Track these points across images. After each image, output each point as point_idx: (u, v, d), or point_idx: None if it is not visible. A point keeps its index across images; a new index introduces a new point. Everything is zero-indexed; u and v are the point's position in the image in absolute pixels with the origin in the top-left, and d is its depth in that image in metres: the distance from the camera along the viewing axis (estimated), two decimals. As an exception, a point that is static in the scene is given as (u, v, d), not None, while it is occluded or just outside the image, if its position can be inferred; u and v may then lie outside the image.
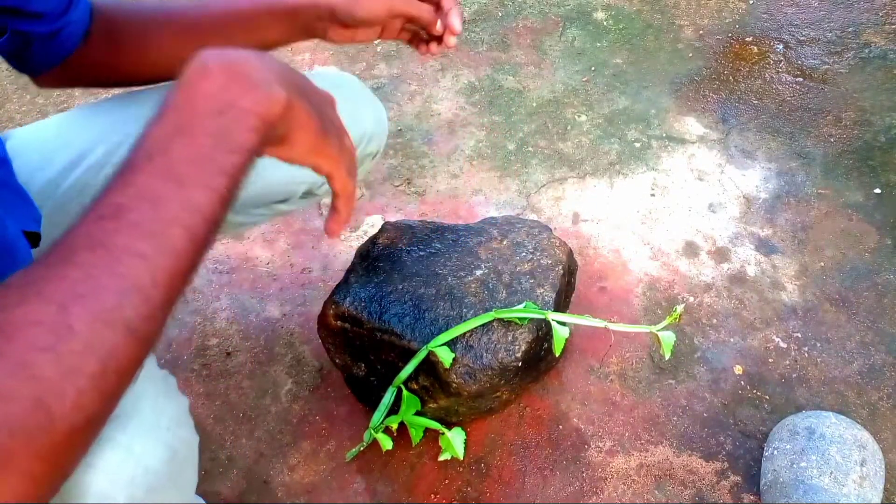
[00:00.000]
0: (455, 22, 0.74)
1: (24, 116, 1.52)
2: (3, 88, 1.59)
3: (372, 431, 0.91)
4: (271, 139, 0.48)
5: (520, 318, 0.86)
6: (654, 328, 0.84)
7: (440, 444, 0.90)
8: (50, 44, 0.68)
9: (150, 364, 0.56)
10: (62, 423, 0.36)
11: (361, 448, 0.96)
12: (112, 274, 0.39)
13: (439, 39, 0.77)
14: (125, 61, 0.73)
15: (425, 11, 0.74)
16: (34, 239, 0.66)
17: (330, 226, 0.60)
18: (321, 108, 0.53)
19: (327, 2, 0.72)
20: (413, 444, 0.94)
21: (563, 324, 0.85)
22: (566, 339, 0.84)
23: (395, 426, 0.91)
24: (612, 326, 0.86)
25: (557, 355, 0.89)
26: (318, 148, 0.52)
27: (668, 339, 0.83)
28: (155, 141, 0.43)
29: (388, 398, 0.90)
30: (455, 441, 0.87)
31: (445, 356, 0.83)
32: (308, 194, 0.90)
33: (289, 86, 0.48)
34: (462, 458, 0.90)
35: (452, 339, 0.85)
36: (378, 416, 0.91)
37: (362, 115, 0.87)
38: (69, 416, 0.36)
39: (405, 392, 0.89)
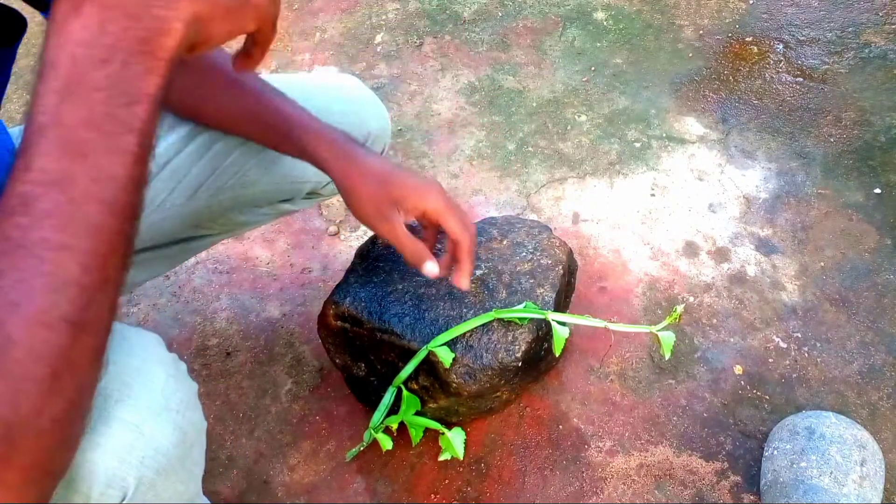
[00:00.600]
0: (462, 281, 0.76)
1: (24, 116, 1.52)
2: (4, 88, 1.60)
3: (372, 431, 0.91)
4: (181, 55, 0.40)
5: (520, 318, 0.86)
6: (653, 328, 0.84)
7: (440, 444, 0.90)
8: None
9: (160, 348, 0.56)
10: (24, 431, 0.36)
11: (361, 448, 0.96)
12: (38, 273, 0.36)
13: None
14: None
15: (412, 252, 0.74)
16: None
17: (239, 63, 0.51)
18: None
19: (338, 182, 0.72)
20: (413, 445, 0.94)
21: (563, 324, 0.85)
22: (566, 340, 0.84)
23: (395, 426, 0.91)
24: (611, 326, 0.86)
25: (557, 355, 0.89)
26: (237, 25, 0.43)
27: (667, 339, 0.83)
28: (42, 110, 0.37)
29: (387, 398, 0.90)
30: (455, 441, 0.87)
31: (445, 356, 0.83)
32: (312, 194, 0.90)
33: None
34: (462, 458, 0.90)
35: (452, 339, 0.85)
36: (378, 415, 0.91)
37: (365, 116, 0.87)
38: (31, 423, 0.36)
39: (405, 392, 0.89)
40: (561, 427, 1.00)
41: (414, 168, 1.36)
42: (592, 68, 1.53)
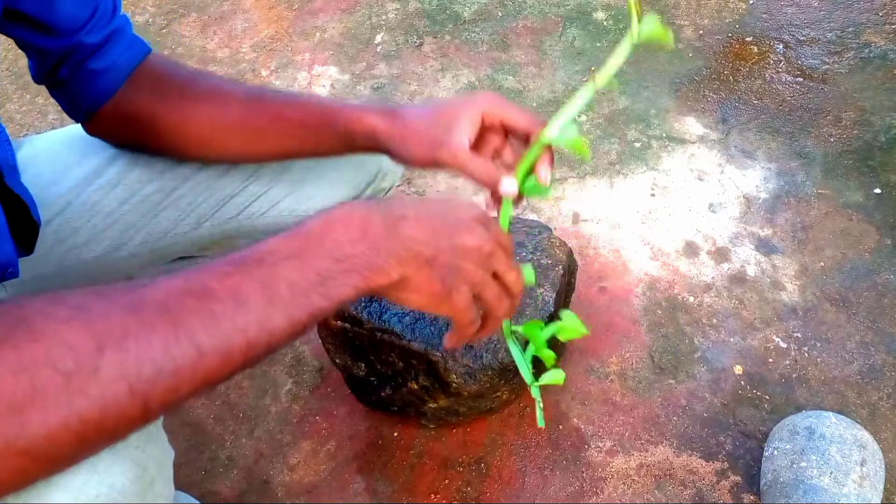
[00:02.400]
0: (547, 175, 0.64)
1: (24, 116, 1.52)
2: (4, 88, 1.59)
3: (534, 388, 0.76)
4: (377, 293, 0.50)
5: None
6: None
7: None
8: (82, 77, 0.68)
9: None
10: (26, 441, 0.36)
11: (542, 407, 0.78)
12: (164, 348, 0.39)
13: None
14: (167, 119, 0.72)
15: (471, 170, 0.64)
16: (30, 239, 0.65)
17: (447, 338, 0.61)
18: (451, 267, 0.52)
19: (382, 139, 0.67)
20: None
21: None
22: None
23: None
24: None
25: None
26: (432, 306, 0.53)
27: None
28: (272, 252, 0.45)
29: (519, 355, 0.75)
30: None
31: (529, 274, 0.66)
32: None
33: (412, 259, 0.50)
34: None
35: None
36: (527, 372, 0.76)
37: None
38: (37, 440, 0.36)
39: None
40: (561, 427, 1.00)
41: (414, 168, 1.36)
42: (592, 68, 1.53)
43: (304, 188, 0.82)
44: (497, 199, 0.66)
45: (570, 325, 0.70)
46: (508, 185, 0.63)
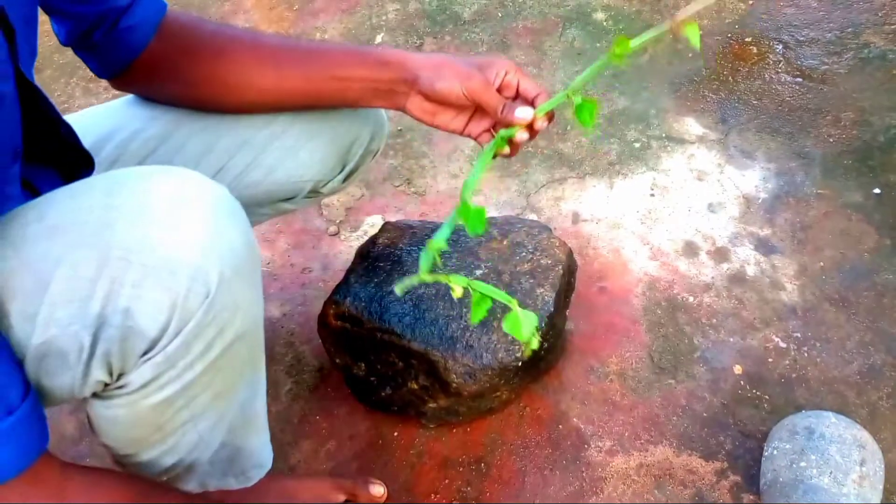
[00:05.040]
0: (522, 113, 0.71)
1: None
2: (3, 89, 1.59)
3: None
4: None
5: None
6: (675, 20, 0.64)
7: (503, 325, 0.67)
8: (114, 37, 0.70)
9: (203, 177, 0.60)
10: None
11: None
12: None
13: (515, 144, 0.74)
14: (199, 74, 0.75)
15: (494, 99, 0.72)
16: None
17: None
18: None
19: (413, 67, 0.73)
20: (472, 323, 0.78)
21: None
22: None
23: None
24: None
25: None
26: None
27: (694, 31, 0.62)
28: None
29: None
30: (524, 322, 0.65)
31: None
32: (313, 192, 0.90)
33: None
34: (525, 342, 0.67)
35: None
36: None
37: (363, 114, 0.87)
38: None
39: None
40: (561, 427, 1.00)
41: (414, 168, 1.36)
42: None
43: (300, 154, 0.83)
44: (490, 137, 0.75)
45: (518, 322, 0.66)
46: (523, 112, 0.70)
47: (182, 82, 0.76)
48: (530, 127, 0.72)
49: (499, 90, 0.73)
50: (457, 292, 0.66)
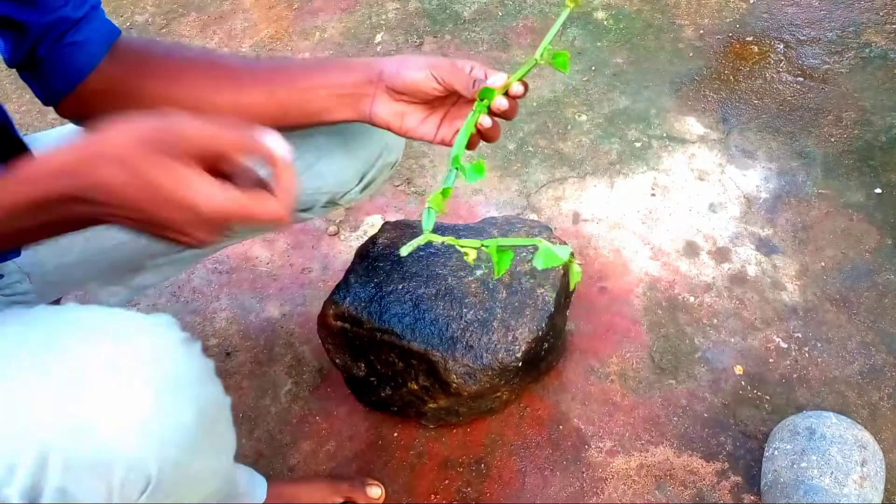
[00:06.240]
0: (495, 79, 0.68)
1: (23, 116, 1.52)
2: (3, 88, 1.59)
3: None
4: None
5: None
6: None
7: (535, 261, 0.66)
8: (59, 52, 0.67)
9: (171, 327, 0.55)
10: None
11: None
12: None
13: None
14: (152, 97, 0.71)
15: (464, 77, 0.69)
16: None
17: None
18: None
19: (377, 65, 0.71)
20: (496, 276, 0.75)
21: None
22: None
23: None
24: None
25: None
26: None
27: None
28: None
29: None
30: (559, 251, 0.64)
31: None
32: (330, 203, 0.90)
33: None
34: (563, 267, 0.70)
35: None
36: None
37: (380, 132, 0.87)
38: None
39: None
40: (561, 427, 1.00)
41: (414, 168, 1.36)
42: (593, 68, 1.53)
43: (317, 166, 0.82)
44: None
45: (552, 253, 0.66)
46: (497, 78, 0.68)
47: (136, 108, 0.73)
48: (508, 97, 0.69)
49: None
50: (470, 256, 0.66)
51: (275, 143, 0.52)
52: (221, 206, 0.47)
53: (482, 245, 0.65)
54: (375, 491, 0.91)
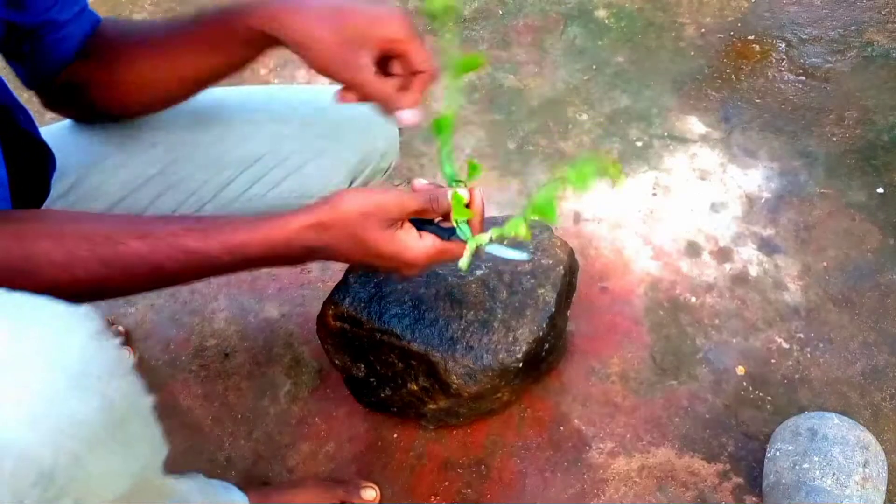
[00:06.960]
0: (406, 113, 0.68)
1: (22, 115, 1.51)
2: (2, 87, 1.59)
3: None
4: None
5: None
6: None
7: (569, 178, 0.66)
8: (43, 45, 0.68)
9: (86, 319, 0.51)
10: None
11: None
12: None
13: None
14: (98, 81, 0.72)
15: (383, 98, 0.67)
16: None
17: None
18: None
19: (274, 29, 0.65)
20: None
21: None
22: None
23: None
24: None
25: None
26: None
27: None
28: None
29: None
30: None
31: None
32: None
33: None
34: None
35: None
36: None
37: (374, 133, 0.87)
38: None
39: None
40: (562, 428, 1.00)
41: (413, 168, 1.36)
42: (594, 67, 1.52)
43: (306, 168, 0.82)
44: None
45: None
46: (407, 116, 0.69)
47: (98, 93, 0.73)
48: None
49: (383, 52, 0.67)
50: (483, 238, 0.70)
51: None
52: (423, 255, 0.65)
53: (524, 218, 0.69)
54: (370, 493, 0.91)
